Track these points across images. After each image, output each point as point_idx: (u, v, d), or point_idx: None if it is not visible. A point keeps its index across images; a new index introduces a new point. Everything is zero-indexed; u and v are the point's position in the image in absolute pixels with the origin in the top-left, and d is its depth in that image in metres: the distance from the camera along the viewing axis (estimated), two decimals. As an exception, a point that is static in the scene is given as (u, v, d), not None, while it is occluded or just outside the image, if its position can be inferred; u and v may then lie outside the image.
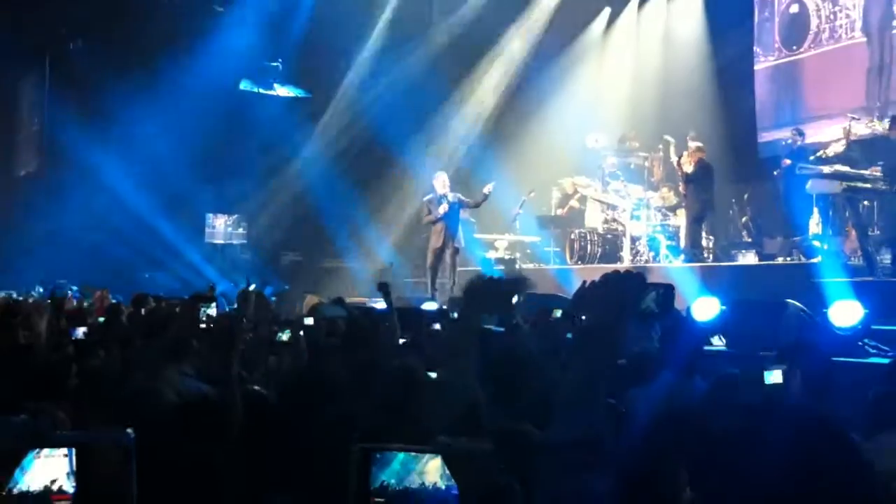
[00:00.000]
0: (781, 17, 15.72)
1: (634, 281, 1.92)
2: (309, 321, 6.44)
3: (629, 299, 1.89)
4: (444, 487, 2.24)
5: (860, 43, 14.22)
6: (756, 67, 16.03)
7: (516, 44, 17.00)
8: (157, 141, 15.02)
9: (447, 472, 2.25)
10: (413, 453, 2.33)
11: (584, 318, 2.01)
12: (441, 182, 12.80)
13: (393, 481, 2.27)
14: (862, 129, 12.30)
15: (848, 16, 14.48)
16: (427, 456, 2.30)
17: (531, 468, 1.95)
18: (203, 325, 4.41)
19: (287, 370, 4.72)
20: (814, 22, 15.03)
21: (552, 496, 1.80)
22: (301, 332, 5.58)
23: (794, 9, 15.43)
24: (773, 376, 3.83)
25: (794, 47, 15.39)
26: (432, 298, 11.72)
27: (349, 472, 2.33)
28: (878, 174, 9.97)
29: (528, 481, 2.11)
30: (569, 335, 5.12)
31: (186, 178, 15.41)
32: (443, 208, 12.46)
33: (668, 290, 2.01)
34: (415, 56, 16.02)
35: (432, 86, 15.98)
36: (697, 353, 5.47)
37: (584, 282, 2.02)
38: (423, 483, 2.25)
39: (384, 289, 6.39)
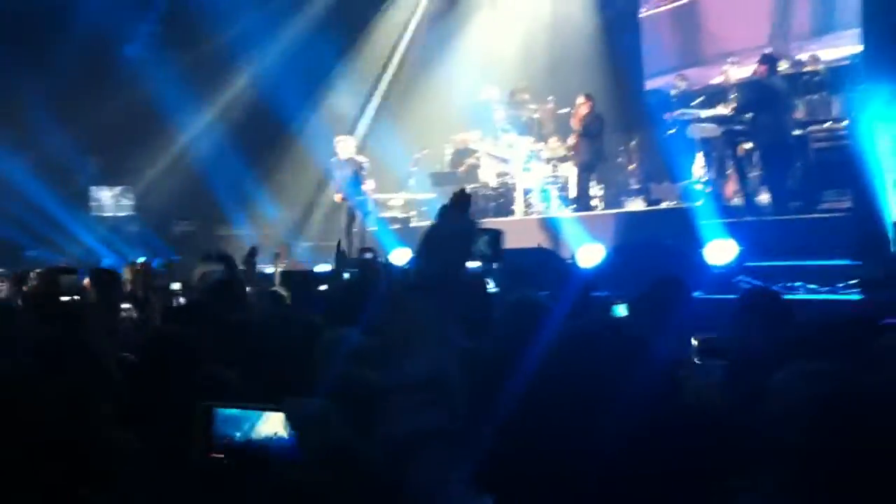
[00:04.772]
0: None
1: (462, 226, 1.94)
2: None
3: (458, 244, 1.91)
4: (285, 437, 2.28)
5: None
6: (641, 15, 16.26)
7: (404, 2, 16.84)
8: (35, 112, 14.45)
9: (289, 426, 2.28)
10: (258, 411, 2.36)
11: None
12: (343, 146, 12.83)
13: (237, 435, 2.31)
14: (741, 73, 12.59)
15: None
16: (271, 413, 2.32)
17: (369, 413, 1.95)
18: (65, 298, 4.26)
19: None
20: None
21: (391, 436, 1.81)
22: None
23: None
24: (621, 309, 3.94)
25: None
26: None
27: (192, 428, 2.35)
28: (754, 116, 10.24)
29: (367, 427, 2.10)
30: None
31: (69, 150, 14.91)
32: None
33: (496, 234, 2.06)
34: (302, 18, 15.74)
35: (320, 48, 15.71)
36: (583, 300, 5.40)
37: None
38: (264, 435, 2.29)
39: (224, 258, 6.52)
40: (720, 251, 7.20)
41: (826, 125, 10.68)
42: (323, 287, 7.26)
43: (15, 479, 2.44)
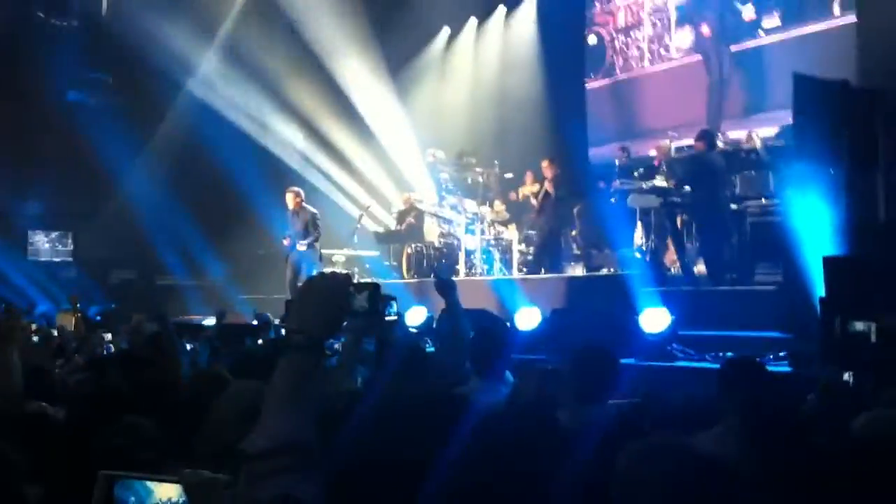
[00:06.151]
0: (611, 39, 16.39)
1: (337, 282, 1.92)
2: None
3: (334, 301, 1.89)
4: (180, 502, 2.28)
5: (696, 61, 14.88)
6: (588, 86, 16.65)
7: (355, 61, 16.98)
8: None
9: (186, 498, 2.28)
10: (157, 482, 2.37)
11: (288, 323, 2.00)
12: (292, 197, 12.79)
13: (132, 500, 2.34)
14: (681, 145, 12.93)
15: (679, 39, 15.18)
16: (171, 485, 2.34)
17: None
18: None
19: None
20: (645, 43, 15.72)
21: (252, 501, 1.80)
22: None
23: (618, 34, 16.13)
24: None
25: (625, 67, 16.05)
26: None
27: (95, 497, 2.34)
28: (691, 189, 10.49)
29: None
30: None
31: (6, 194, 14.67)
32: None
33: (375, 289, 2.06)
34: (250, 72, 15.80)
35: (267, 102, 15.79)
36: (505, 360, 5.43)
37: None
38: (162, 500, 2.31)
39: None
40: (654, 320, 7.32)
41: (761, 200, 10.97)
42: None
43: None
